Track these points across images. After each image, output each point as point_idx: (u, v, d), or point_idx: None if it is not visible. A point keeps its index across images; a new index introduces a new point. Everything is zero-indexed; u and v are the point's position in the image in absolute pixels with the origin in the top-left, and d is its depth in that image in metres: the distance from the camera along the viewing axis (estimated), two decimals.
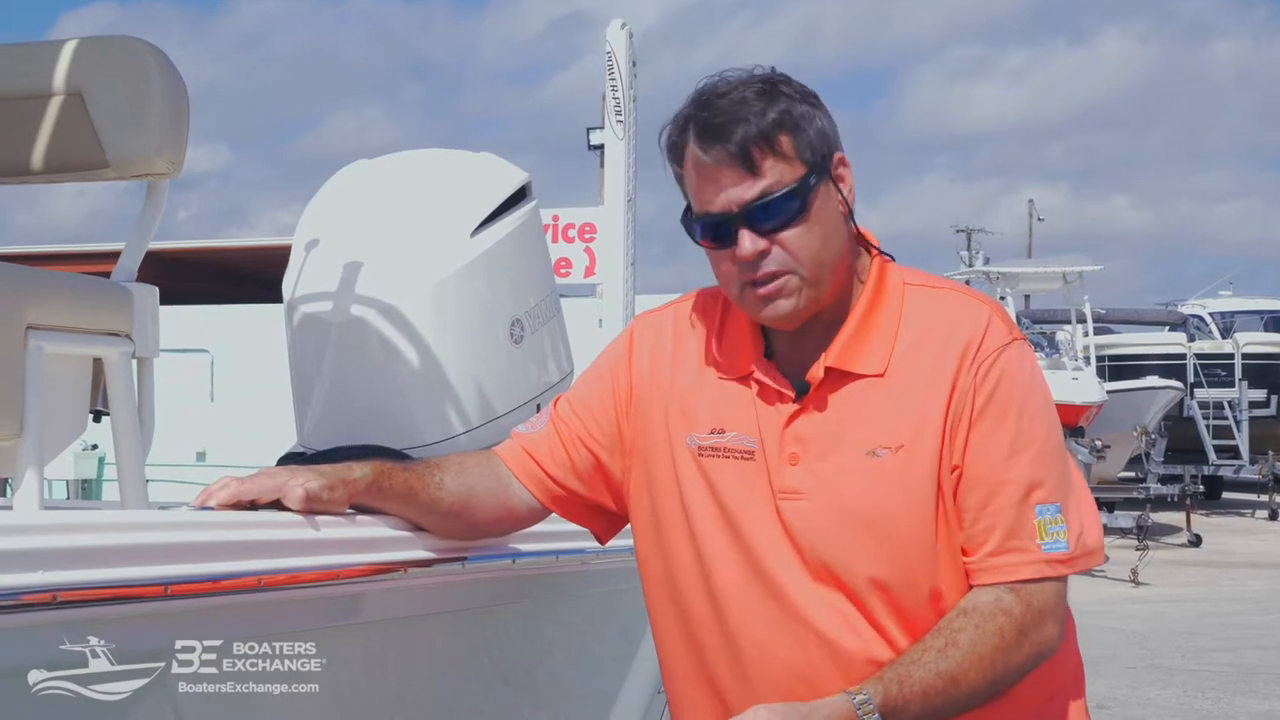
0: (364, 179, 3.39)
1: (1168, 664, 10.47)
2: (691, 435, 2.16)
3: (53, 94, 3.02)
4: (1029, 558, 2.03)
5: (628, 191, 4.90)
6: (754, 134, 2.01)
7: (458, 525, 2.27)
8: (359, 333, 3.06)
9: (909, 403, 2.05)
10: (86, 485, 14.96)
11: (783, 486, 2.08)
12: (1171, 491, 23.05)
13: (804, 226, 2.04)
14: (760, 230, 2.03)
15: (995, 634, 1.99)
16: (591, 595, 3.09)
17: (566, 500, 2.30)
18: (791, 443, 2.09)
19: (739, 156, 2.01)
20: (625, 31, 4.88)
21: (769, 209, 2.02)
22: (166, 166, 2.99)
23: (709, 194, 2.05)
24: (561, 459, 2.28)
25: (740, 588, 2.11)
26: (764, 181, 2.02)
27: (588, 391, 2.33)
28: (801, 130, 2.05)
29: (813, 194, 2.05)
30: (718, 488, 2.13)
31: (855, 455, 2.05)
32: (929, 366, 2.07)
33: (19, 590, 1.51)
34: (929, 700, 1.95)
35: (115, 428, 2.88)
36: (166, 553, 1.72)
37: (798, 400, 2.10)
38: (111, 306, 2.86)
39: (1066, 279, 27.00)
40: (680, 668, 2.24)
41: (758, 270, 2.05)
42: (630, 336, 2.33)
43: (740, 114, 2.02)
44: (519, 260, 3.33)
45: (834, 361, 2.09)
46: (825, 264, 2.07)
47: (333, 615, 2.09)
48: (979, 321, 2.09)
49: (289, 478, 2.06)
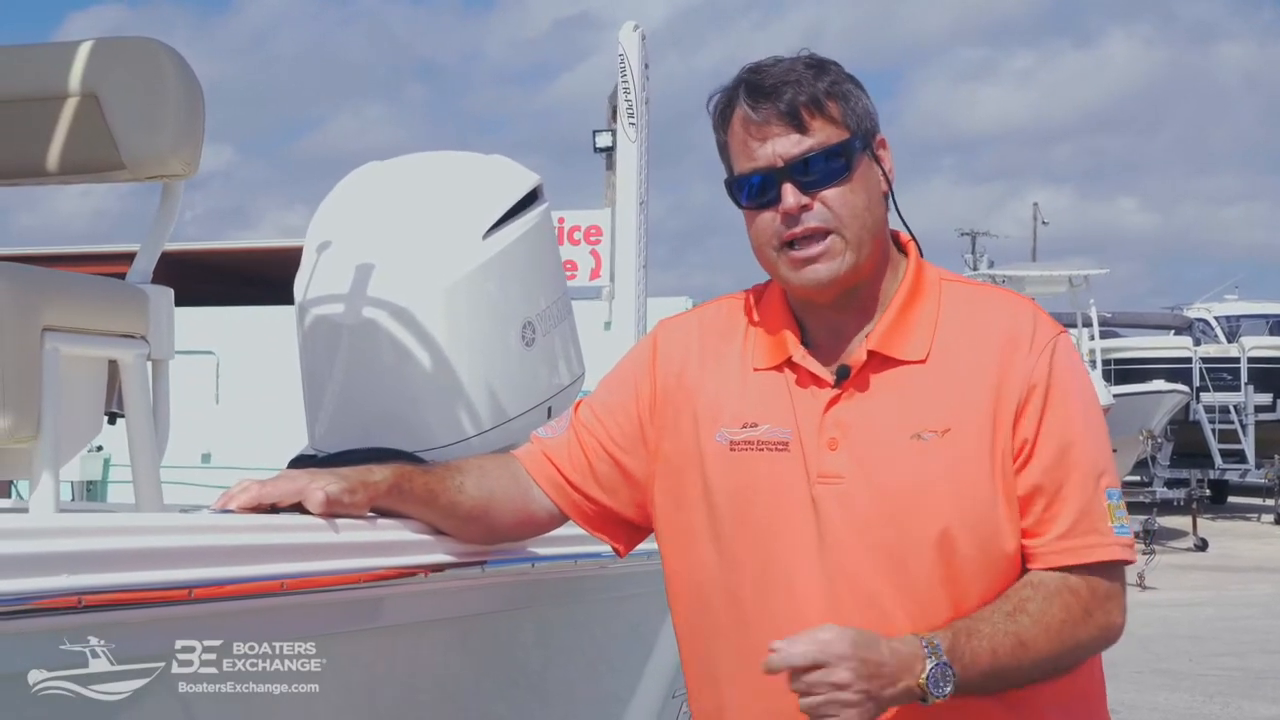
0: (376, 181, 3.39)
1: (1175, 668, 10.46)
2: (721, 431, 2.14)
3: (68, 95, 3.01)
4: (1103, 540, 2.04)
5: (640, 193, 4.90)
6: (804, 96, 2.05)
7: (477, 529, 2.26)
8: (371, 335, 3.06)
9: (953, 389, 2.06)
10: (92, 487, 14.96)
11: (821, 471, 2.06)
12: (1177, 496, 23.06)
13: (847, 187, 2.07)
14: (804, 185, 2.05)
15: (1062, 608, 2.00)
16: (608, 600, 3.08)
17: (585, 507, 2.28)
18: (831, 428, 2.08)
19: (788, 114, 2.05)
20: (638, 34, 4.88)
21: (813, 163, 2.05)
22: (182, 167, 2.99)
23: (754, 150, 2.08)
24: (581, 464, 2.27)
25: (765, 588, 2.08)
26: (810, 139, 2.06)
27: (610, 396, 2.31)
28: (848, 101, 2.10)
29: (857, 158, 2.09)
30: (750, 482, 2.10)
31: (899, 439, 2.04)
32: (973, 356, 2.07)
33: (41, 594, 1.51)
34: (997, 658, 1.94)
35: (131, 430, 2.87)
36: (189, 556, 1.72)
37: (837, 386, 2.10)
38: (127, 308, 2.86)
39: (1072, 282, 26.95)
40: (704, 669, 2.21)
41: (799, 225, 2.06)
42: (654, 341, 2.32)
43: (790, 78, 2.06)
44: (530, 262, 3.33)
45: (876, 345, 2.10)
46: (866, 228, 2.09)
47: (354, 619, 2.09)
48: (1025, 314, 2.12)
49: (309, 481, 2.06)
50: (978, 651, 1.93)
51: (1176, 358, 29.50)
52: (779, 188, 2.06)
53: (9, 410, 2.51)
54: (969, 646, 1.92)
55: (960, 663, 1.91)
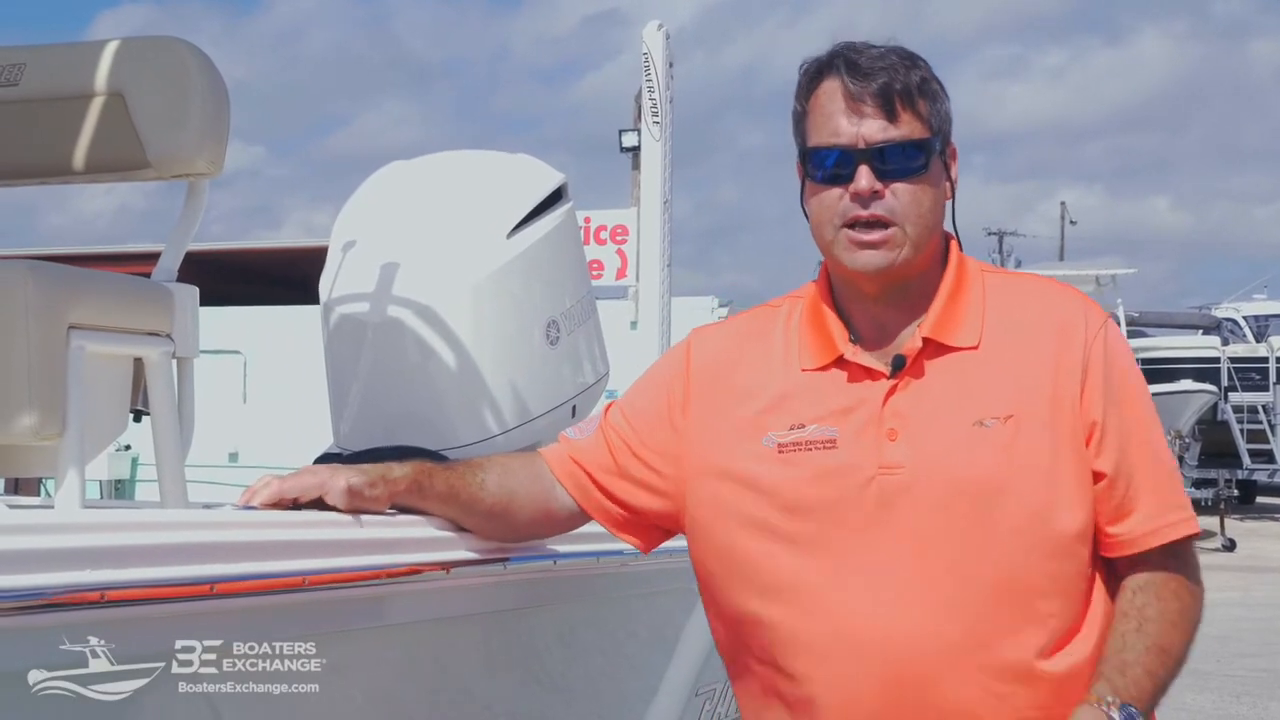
0: (400, 180, 3.39)
1: (1202, 669, 10.38)
2: (769, 435, 2.12)
3: (94, 94, 3.03)
4: (1184, 514, 2.09)
5: (664, 193, 4.90)
6: (899, 86, 2.06)
7: (498, 527, 2.27)
8: (395, 334, 3.07)
9: (1010, 375, 2.06)
10: (120, 485, 15.02)
11: (883, 462, 2.05)
12: (1205, 496, 22.91)
13: (920, 183, 2.07)
14: (880, 171, 2.05)
15: (1174, 597, 2.06)
16: (630, 597, 3.07)
17: (609, 508, 2.27)
18: (890, 418, 2.07)
19: (880, 97, 2.05)
20: (662, 33, 4.87)
21: (894, 153, 2.05)
22: (207, 166, 3.00)
23: (839, 125, 2.07)
24: (609, 465, 2.26)
25: (837, 580, 2.04)
26: (896, 130, 2.06)
27: (641, 400, 2.30)
28: (936, 101, 2.11)
29: (934, 159, 2.09)
30: (805, 480, 2.08)
31: (961, 426, 2.04)
32: (1026, 342, 2.09)
33: (66, 588, 1.52)
34: (1155, 676, 2.00)
35: (155, 427, 2.89)
36: (209, 552, 1.73)
37: (892, 376, 2.09)
38: (152, 306, 2.87)
39: (1099, 282, 26.83)
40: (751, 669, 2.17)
41: (865, 208, 2.06)
42: (688, 348, 2.30)
43: (888, 64, 2.07)
44: (555, 261, 3.33)
45: (929, 332, 2.10)
46: (928, 227, 2.10)
47: (377, 615, 2.09)
48: (1074, 301, 2.15)
49: (330, 475, 2.07)
50: (1139, 681, 1.98)
51: (1204, 357, 29.32)
52: (855, 168, 2.05)
53: (35, 408, 2.53)
54: (1130, 680, 1.98)
55: (1135, 700, 1.96)
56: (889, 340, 2.13)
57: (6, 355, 2.53)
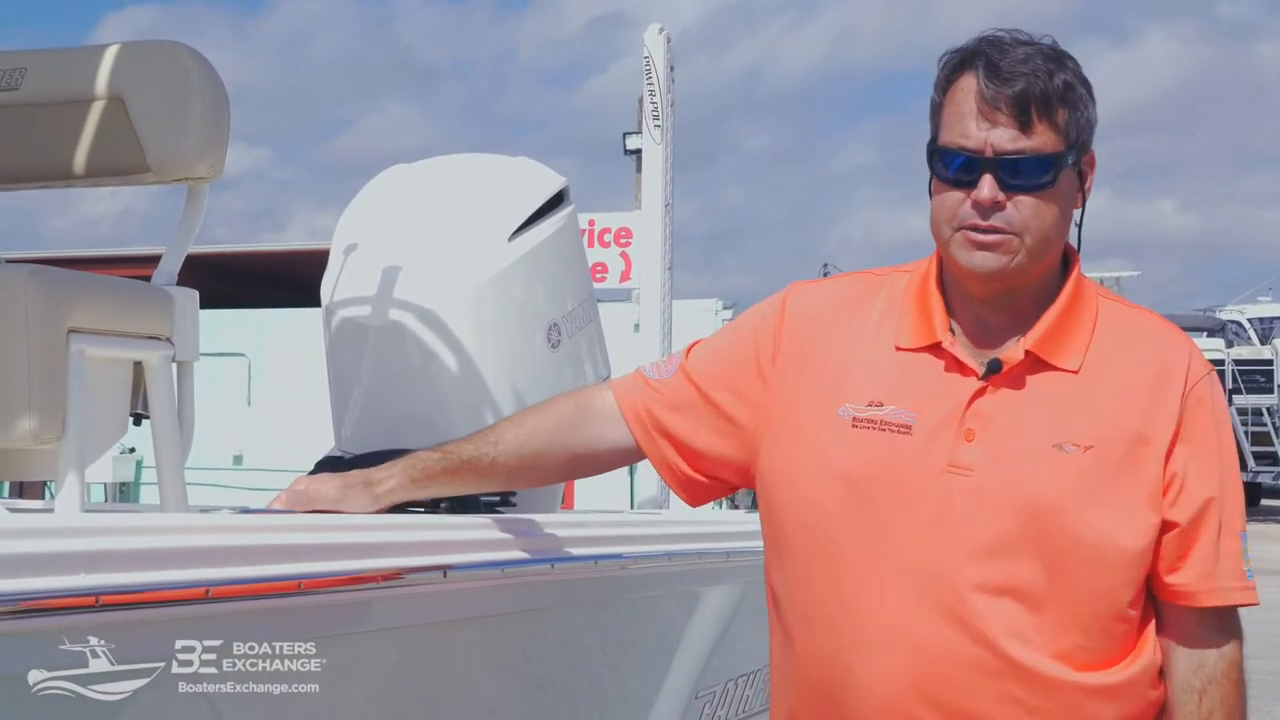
0: (402, 184, 3.40)
1: None
2: (845, 406, 2.08)
3: (94, 99, 3.04)
4: (1243, 583, 2.07)
5: (665, 196, 4.90)
6: (1037, 93, 1.98)
7: (521, 483, 2.36)
8: (397, 337, 3.07)
9: (1102, 406, 2.03)
10: (124, 489, 15.07)
11: (954, 460, 2.02)
12: None
13: (1045, 198, 2.01)
14: (1005, 183, 1.99)
15: (1233, 686, 2.09)
16: (629, 600, 3.08)
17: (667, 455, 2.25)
18: (971, 419, 2.03)
19: (1015, 105, 1.98)
20: (663, 36, 4.88)
21: (1022, 166, 1.99)
22: (207, 170, 3.00)
23: (970, 128, 2.01)
24: (683, 403, 2.24)
25: (868, 570, 2.03)
26: (1027, 140, 1.99)
27: (728, 343, 2.27)
28: (1076, 109, 2.03)
29: (1064, 172, 2.02)
30: (871, 460, 2.05)
31: (1041, 444, 2.01)
32: (1125, 376, 2.05)
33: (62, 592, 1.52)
34: None
35: (155, 431, 2.89)
36: (205, 556, 1.73)
37: (984, 379, 2.05)
38: (152, 310, 2.87)
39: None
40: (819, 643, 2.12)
41: (985, 219, 2.00)
42: (784, 300, 2.25)
43: (1030, 68, 1.99)
44: (556, 264, 3.33)
45: (1034, 346, 2.05)
46: (1048, 242, 2.04)
47: (371, 619, 2.09)
48: (1183, 347, 2.12)
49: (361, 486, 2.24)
50: None
51: (1209, 360, 29.19)
52: (979, 175, 1.99)
53: (35, 411, 2.53)
54: None
55: None
56: (989, 340, 2.09)
57: (6, 359, 2.53)
